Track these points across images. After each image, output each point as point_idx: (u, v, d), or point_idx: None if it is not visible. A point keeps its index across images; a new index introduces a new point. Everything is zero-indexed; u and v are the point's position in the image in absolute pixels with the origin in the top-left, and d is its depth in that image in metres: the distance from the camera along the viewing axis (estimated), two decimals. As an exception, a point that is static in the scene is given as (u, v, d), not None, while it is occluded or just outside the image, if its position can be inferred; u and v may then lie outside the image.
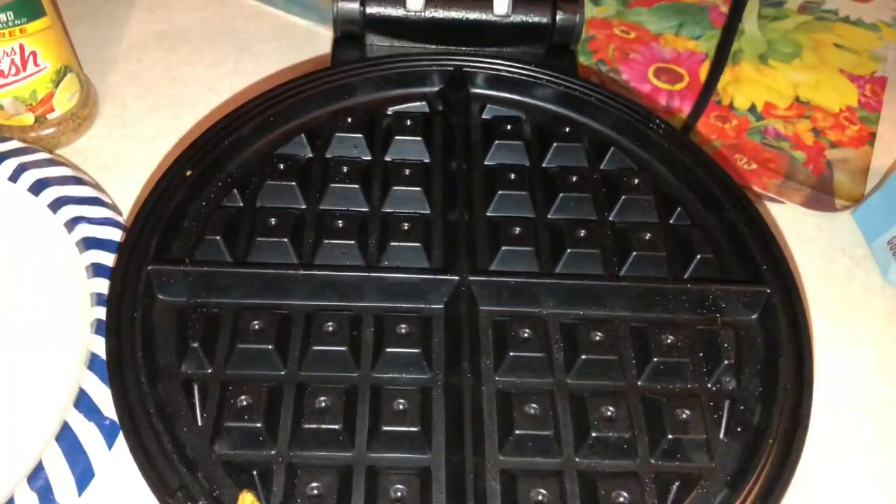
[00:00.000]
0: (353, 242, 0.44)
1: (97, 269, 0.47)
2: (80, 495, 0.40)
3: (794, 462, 0.37)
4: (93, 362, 0.43)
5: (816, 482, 0.44)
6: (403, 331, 0.40)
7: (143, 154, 0.57)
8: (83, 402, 0.42)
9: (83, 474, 0.40)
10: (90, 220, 0.49)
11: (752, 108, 0.66)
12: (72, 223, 0.49)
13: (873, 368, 0.50)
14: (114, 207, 0.51)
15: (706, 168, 0.49)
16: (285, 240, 0.43)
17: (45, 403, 0.43)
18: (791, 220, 0.58)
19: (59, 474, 0.39)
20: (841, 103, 0.68)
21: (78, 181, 0.52)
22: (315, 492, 0.35)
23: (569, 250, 0.44)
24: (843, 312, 0.53)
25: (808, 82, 0.69)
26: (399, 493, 0.35)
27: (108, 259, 0.47)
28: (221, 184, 0.47)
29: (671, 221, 0.48)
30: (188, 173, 0.45)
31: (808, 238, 0.57)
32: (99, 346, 0.43)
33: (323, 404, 0.37)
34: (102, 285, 0.45)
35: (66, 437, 0.40)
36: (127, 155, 0.57)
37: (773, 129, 0.65)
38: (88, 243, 0.48)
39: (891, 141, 0.65)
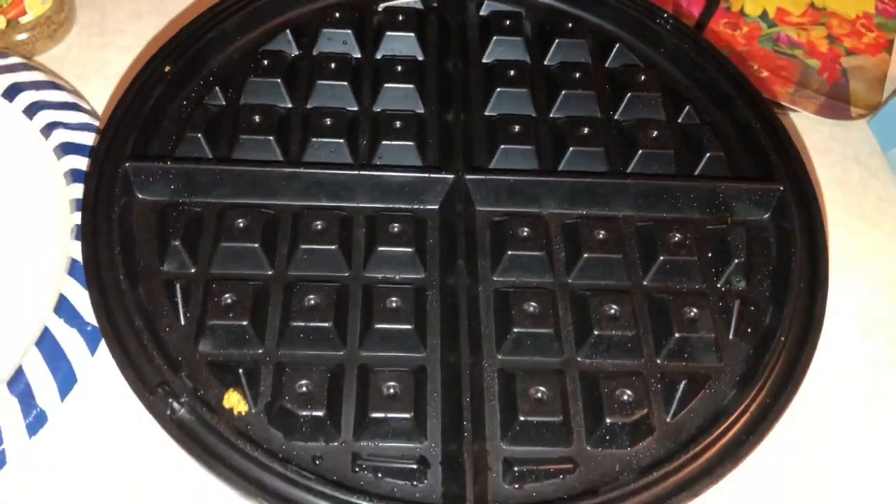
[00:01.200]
0: (342, 141, 0.41)
1: (75, 175, 0.45)
2: (62, 401, 0.38)
3: (806, 364, 0.35)
4: (73, 268, 0.41)
5: (825, 397, 0.42)
6: (396, 230, 0.38)
7: (123, 63, 0.54)
8: (64, 308, 0.40)
9: (65, 379, 0.38)
10: (67, 126, 0.47)
11: (764, 15, 0.63)
12: (48, 129, 0.47)
13: (886, 280, 0.48)
14: (92, 113, 0.49)
15: (716, 64, 0.46)
16: (270, 138, 0.41)
17: (26, 310, 0.41)
18: (804, 129, 0.55)
19: (41, 379, 0.38)
20: (857, 9, 0.64)
21: (54, 86, 0.49)
22: (304, 389, 0.33)
23: (571, 148, 0.42)
24: (857, 222, 0.50)
25: (824, -12, 0.65)
26: (392, 390, 0.34)
27: (86, 164, 0.44)
28: (203, 82, 0.44)
29: (679, 120, 0.45)
30: (167, 69, 0.42)
31: (822, 147, 0.55)
32: (79, 251, 0.41)
33: (312, 302, 0.36)
34: (81, 191, 0.43)
35: (46, 343, 0.39)
36: (106, 64, 0.54)
37: (786, 37, 0.61)
38: (66, 149, 0.46)
39: (910, 48, 0.62)
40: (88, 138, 0.46)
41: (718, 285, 0.39)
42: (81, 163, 0.45)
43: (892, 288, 0.48)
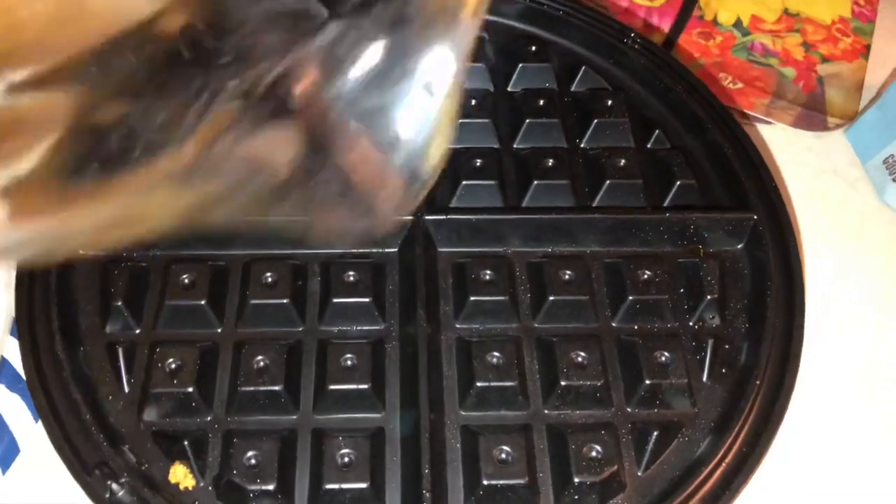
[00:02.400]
0: (294, 183, 0.39)
1: (18, 225, 0.42)
2: (4, 473, 0.36)
3: (784, 404, 0.34)
4: (15, 328, 0.39)
5: (808, 428, 0.40)
6: (352, 278, 0.37)
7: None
8: (5, 372, 0.38)
9: (7, 450, 0.36)
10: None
11: (738, 23, 0.61)
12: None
13: (869, 297, 0.46)
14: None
15: (686, 86, 0.44)
16: (218, 183, 0.39)
17: (-35, 374, 0.39)
18: (781, 142, 0.54)
19: (-19, 451, 0.36)
20: (833, 14, 0.62)
21: None
22: (254, 461, 0.31)
23: (535, 182, 0.40)
24: (837, 238, 0.49)
25: (798, -8, 0.64)
26: (348, 459, 0.32)
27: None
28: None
29: (649, 146, 0.43)
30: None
31: (799, 160, 0.53)
32: (20, 308, 0.39)
33: (262, 363, 0.34)
34: (23, 242, 0.41)
35: (-13, 410, 0.37)
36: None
37: (761, 45, 0.60)
38: (7, 197, 0.44)
39: (886, 53, 0.60)
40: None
41: (691, 323, 0.37)
42: (24, 212, 0.43)
43: (875, 306, 0.46)
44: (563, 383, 0.34)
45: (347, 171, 0.25)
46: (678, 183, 0.41)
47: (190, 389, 0.33)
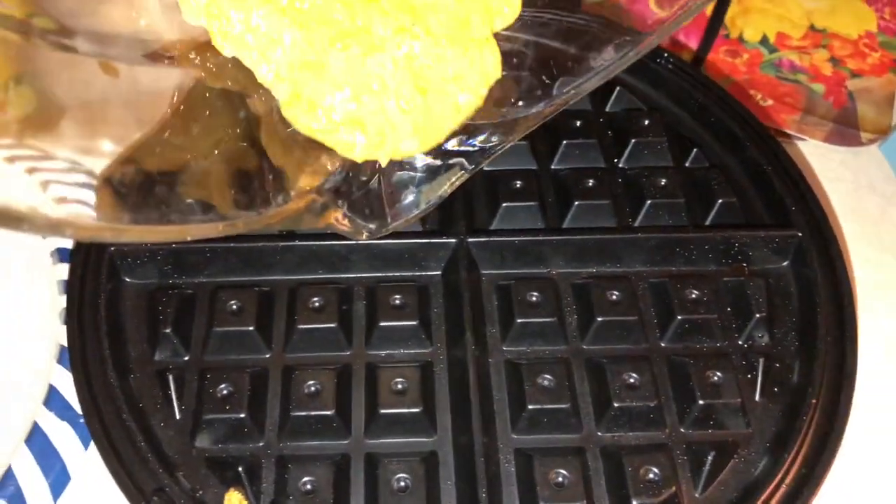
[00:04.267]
0: (337, 208, 0.39)
1: (62, 254, 0.43)
2: (55, 501, 0.36)
3: (843, 423, 0.33)
4: (63, 356, 0.39)
5: (866, 446, 0.40)
6: (398, 301, 0.37)
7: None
8: (54, 400, 0.38)
9: (58, 479, 0.36)
10: (52, 201, 0.45)
11: (764, 40, 0.61)
12: (32, 206, 0.45)
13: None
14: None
15: (721, 103, 0.44)
16: (262, 209, 0.39)
17: (13, 403, 0.39)
18: (814, 158, 0.54)
19: (32, 480, 0.36)
20: (859, 29, 0.62)
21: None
22: (309, 486, 0.31)
23: (576, 202, 0.40)
24: (878, 254, 0.48)
25: (823, 9, 0.64)
26: (403, 483, 0.31)
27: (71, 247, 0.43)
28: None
29: (687, 164, 0.43)
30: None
31: (834, 176, 0.53)
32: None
33: (313, 388, 0.34)
34: (67, 272, 0.41)
35: (37, 440, 0.37)
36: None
37: (788, 61, 0.60)
38: (51, 226, 0.44)
39: (916, 66, 0.60)
40: (74, 214, 0.45)
41: (740, 342, 0.37)
42: (68, 241, 0.43)
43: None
44: (615, 405, 0.34)
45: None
46: (720, 201, 0.41)
47: (242, 415, 0.33)
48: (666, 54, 0.46)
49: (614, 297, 0.37)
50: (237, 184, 0.30)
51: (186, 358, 0.36)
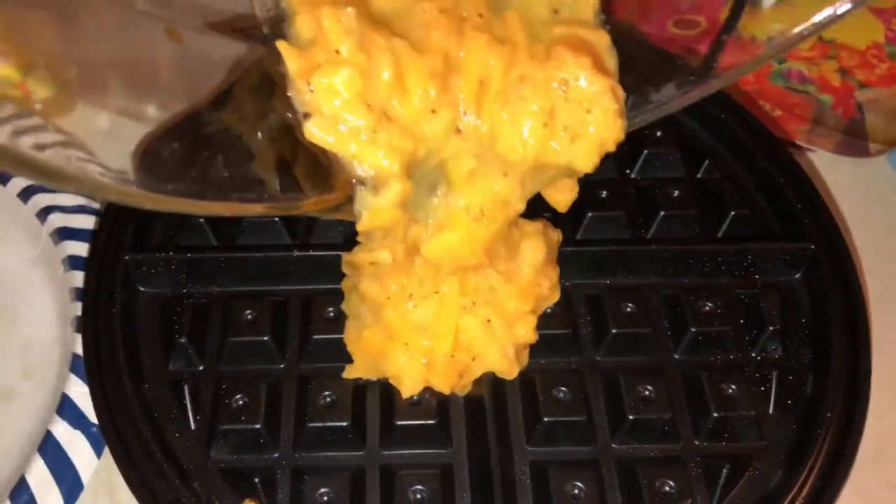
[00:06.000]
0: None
1: (73, 262, 0.43)
2: (68, 511, 0.36)
3: (857, 436, 0.33)
4: (75, 364, 0.39)
5: (882, 459, 0.40)
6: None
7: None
8: (67, 409, 0.38)
9: (71, 488, 0.36)
10: (63, 209, 0.45)
11: (773, 51, 0.61)
12: (44, 213, 0.45)
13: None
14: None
15: (733, 114, 0.44)
16: (276, 219, 0.39)
17: (26, 412, 0.39)
18: (823, 169, 0.54)
19: (45, 489, 0.36)
20: (867, 40, 0.63)
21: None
22: (325, 498, 0.31)
23: (590, 213, 0.40)
24: (888, 266, 0.49)
25: (831, 20, 0.64)
26: (420, 495, 0.31)
27: (85, 250, 0.43)
28: (203, 160, 0.42)
29: (699, 175, 0.43)
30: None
31: (843, 187, 0.53)
32: (80, 345, 0.39)
33: (328, 399, 0.34)
34: (80, 279, 0.41)
35: (50, 448, 0.37)
36: (102, 136, 0.53)
37: (797, 72, 0.60)
38: (63, 234, 0.44)
39: (924, 78, 0.60)
40: (85, 222, 0.45)
41: (753, 354, 0.37)
42: (79, 248, 0.43)
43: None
44: (630, 417, 0.34)
45: None
46: (732, 213, 0.41)
47: (258, 426, 0.33)
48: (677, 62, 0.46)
49: (628, 308, 0.37)
50: (280, 167, 0.30)
51: (201, 367, 0.36)
